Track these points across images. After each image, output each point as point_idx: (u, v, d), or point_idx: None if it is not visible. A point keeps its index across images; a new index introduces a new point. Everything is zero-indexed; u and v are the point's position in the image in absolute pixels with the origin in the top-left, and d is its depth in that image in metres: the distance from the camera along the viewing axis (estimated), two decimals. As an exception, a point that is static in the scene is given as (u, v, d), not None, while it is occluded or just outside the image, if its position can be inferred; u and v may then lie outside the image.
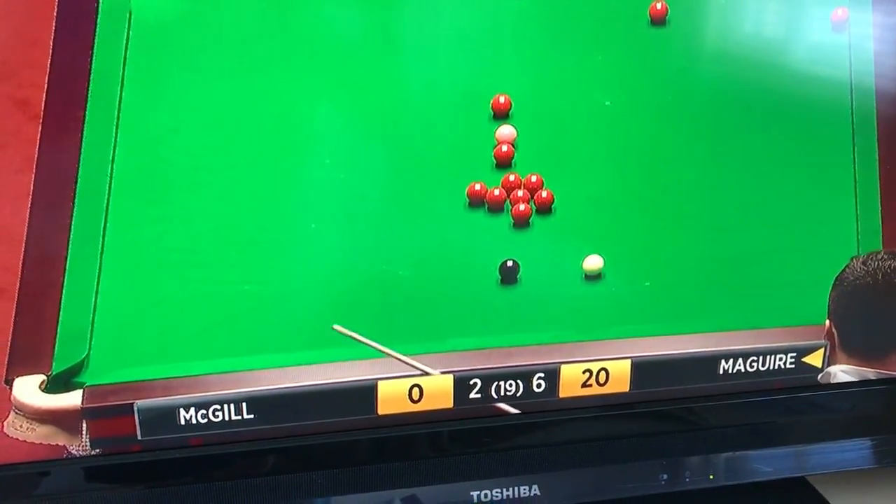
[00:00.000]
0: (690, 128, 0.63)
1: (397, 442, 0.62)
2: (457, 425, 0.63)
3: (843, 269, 0.64)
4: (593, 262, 0.62)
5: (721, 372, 0.64)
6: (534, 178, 0.61)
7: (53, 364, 0.56)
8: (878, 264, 0.64)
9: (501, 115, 0.61)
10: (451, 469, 0.64)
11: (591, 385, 0.63)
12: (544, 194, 0.62)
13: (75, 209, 0.55)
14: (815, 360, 0.66)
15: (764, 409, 0.67)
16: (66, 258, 0.55)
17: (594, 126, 0.62)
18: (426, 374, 0.59)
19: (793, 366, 0.66)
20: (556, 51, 0.61)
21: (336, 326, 0.55)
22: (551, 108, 0.62)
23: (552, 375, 0.62)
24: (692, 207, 0.64)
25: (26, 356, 0.55)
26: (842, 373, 0.65)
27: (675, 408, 0.66)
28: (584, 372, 0.63)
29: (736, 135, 0.64)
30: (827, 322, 0.64)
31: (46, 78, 0.53)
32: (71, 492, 0.59)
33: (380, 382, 0.60)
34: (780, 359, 0.65)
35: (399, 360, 0.58)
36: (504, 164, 0.61)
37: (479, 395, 0.62)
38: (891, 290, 0.65)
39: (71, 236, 0.55)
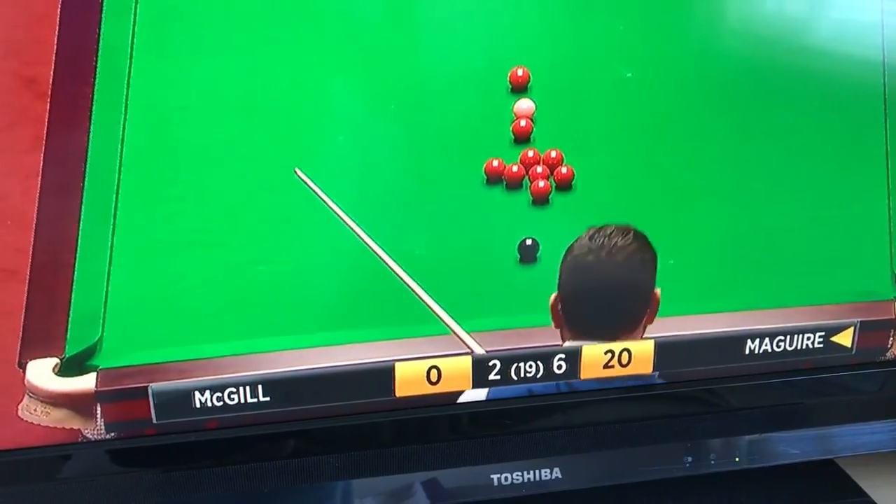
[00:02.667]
0: (716, 100, 0.62)
1: (416, 424, 0.61)
2: (477, 407, 0.62)
3: (575, 240, 0.60)
4: (615, 240, 0.61)
5: (747, 352, 0.63)
6: (553, 154, 0.60)
7: (66, 347, 0.56)
8: (604, 240, 0.60)
9: (519, 89, 0.59)
10: (471, 452, 0.63)
11: (613, 366, 0.62)
12: (564, 170, 0.60)
13: (85, 189, 0.54)
14: (844, 339, 0.65)
15: (791, 390, 0.66)
16: (78, 239, 0.54)
17: (616, 99, 0.60)
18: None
19: (821, 345, 0.64)
20: (575, 20, 0.59)
21: (298, 171, 0.52)
22: (571, 80, 0.60)
23: (573, 356, 0.61)
24: (717, 183, 0.62)
25: (39, 339, 0.55)
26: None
27: (700, 389, 0.65)
28: (605, 353, 0.62)
29: (763, 107, 0.62)
30: (553, 297, 0.61)
31: (54, 54, 0.52)
32: (86, 476, 0.59)
33: (397, 364, 0.59)
34: (808, 338, 0.64)
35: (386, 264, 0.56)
36: (522, 139, 0.60)
37: (498, 377, 0.61)
38: (613, 268, 0.61)
39: (82, 216, 0.54)
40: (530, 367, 0.61)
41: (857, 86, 0.63)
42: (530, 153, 0.60)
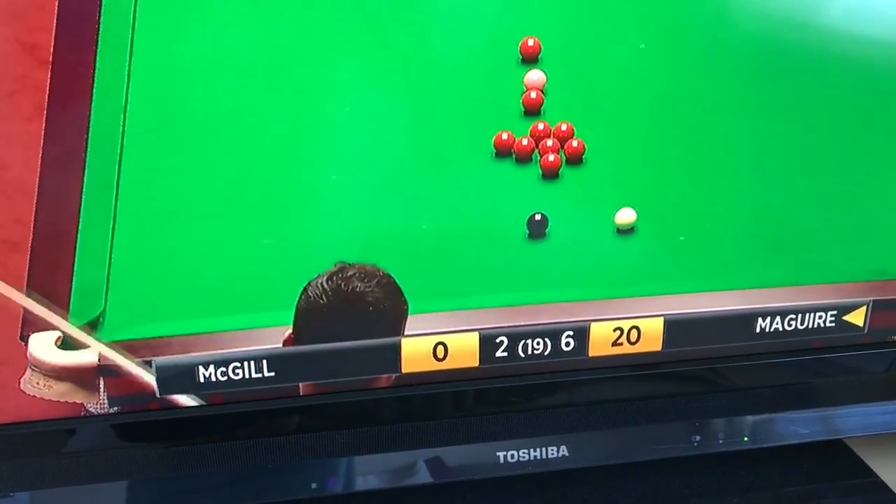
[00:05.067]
0: (731, 73, 0.61)
1: (421, 401, 0.61)
2: (483, 384, 0.61)
3: (314, 277, 0.55)
4: (626, 216, 0.60)
5: (758, 330, 0.63)
6: (564, 127, 0.59)
7: (69, 320, 0.55)
8: (341, 284, 0.55)
9: (530, 59, 0.59)
10: (477, 429, 0.63)
11: (622, 344, 0.61)
12: (575, 144, 0.60)
13: (88, 159, 0.54)
14: (856, 318, 0.64)
15: (801, 369, 0.65)
16: (80, 210, 0.54)
17: (629, 71, 0.60)
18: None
19: (833, 324, 0.64)
20: (588, -11, 0.59)
21: None
22: (583, 51, 0.59)
23: (581, 334, 0.61)
24: (731, 158, 0.62)
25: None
26: None
27: (709, 367, 0.64)
28: (614, 330, 0.61)
29: (778, 81, 0.61)
30: (286, 335, 0.56)
31: (55, 20, 0.51)
32: (89, 450, 0.58)
33: (403, 340, 0.59)
34: (820, 317, 0.63)
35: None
36: (533, 111, 0.59)
37: (505, 354, 0.60)
38: (348, 317, 0.56)
39: (84, 188, 0.54)
40: (538, 344, 0.61)
41: (875, 61, 0.62)
42: (540, 126, 0.59)
